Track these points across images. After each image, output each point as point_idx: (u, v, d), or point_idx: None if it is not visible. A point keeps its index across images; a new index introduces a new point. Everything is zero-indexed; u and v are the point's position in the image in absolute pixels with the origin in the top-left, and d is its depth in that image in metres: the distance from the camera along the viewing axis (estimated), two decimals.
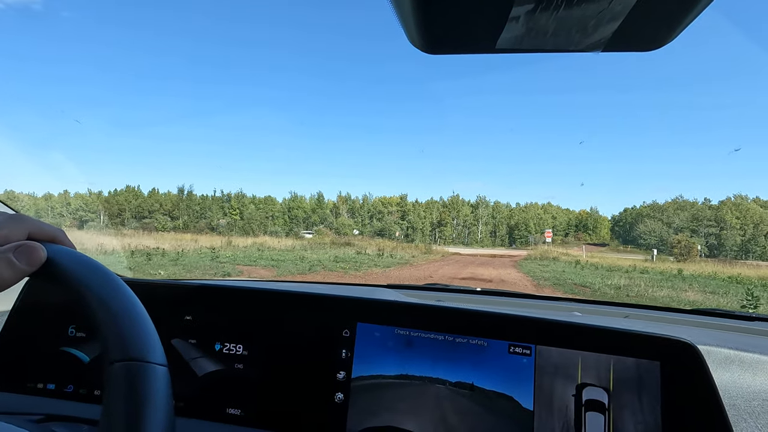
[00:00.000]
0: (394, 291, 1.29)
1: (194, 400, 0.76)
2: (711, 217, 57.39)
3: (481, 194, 72.87)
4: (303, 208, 63.51)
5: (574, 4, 0.28)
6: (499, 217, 68.31)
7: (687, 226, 57.98)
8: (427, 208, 67.08)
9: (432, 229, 65.67)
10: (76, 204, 50.73)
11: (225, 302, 0.83)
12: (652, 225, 59.30)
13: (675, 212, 59.98)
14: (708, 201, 61.35)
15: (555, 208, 72.54)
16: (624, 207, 70.48)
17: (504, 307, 0.91)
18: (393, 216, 65.26)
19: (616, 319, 1.00)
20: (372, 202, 66.61)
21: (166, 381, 0.35)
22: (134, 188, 60.92)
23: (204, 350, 0.79)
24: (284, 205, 64.27)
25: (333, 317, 0.77)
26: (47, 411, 0.74)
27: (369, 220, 64.64)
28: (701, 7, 0.29)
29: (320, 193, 65.56)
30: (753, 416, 0.58)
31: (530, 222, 66.50)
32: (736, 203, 57.75)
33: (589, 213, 73.24)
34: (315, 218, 62.08)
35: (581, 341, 0.66)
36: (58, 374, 0.81)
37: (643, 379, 0.62)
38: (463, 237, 66.05)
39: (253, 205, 62.68)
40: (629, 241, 62.42)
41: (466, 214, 66.75)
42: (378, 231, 60.10)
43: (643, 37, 0.33)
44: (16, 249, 0.36)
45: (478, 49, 0.35)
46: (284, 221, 61.96)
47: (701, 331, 0.97)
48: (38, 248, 0.37)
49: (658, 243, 57.26)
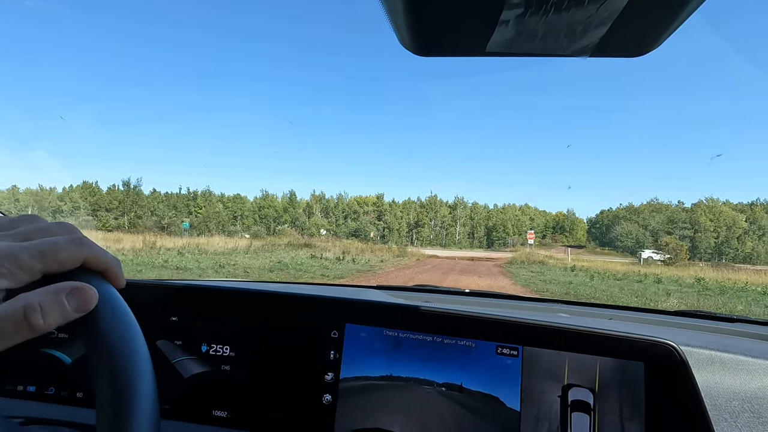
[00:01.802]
0: (382, 292, 1.30)
1: (180, 403, 0.75)
2: (686, 220, 57.73)
3: (459, 195, 71.88)
4: (274, 207, 60.55)
5: (563, 9, 0.29)
6: (477, 219, 67.13)
7: (663, 228, 58.17)
8: (405, 209, 65.22)
9: (409, 229, 63.86)
10: (25, 200, 46.31)
11: (211, 303, 0.82)
12: (628, 227, 59.28)
13: (651, 214, 60.18)
14: (681, 203, 61.95)
15: (532, 210, 72.04)
16: (600, 209, 70.75)
17: (492, 309, 0.92)
18: (369, 216, 63.02)
19: (601, 321, 0.99)
20: (347, 202, 64.25)
21: None
22: (91, 184, 56.62)
23: (190, 351, 0.78)
24: (255, 204, 61.21)
25: (321, 318, 0.76)
26: (27, 414, 0.72)
27: (344, 220, 62.23)
28: (686, 14, 0.30)
29: (292, 192, 62.77)
30: (733, 416, 0.59)
31: (508, 223, 65.61)
32: (709, 206, 58.31)
33: (566, 215, 73.18)
34: (286, 218, 59.20)
35: (567, 342, 0.67)
36: (39, 376, 0.79)
37: (627, 380, 0.63)
38: (441, 238, 64.49)
39: (221, 204, 59.43)
40: (606, 243, 62.30)
41: (444, 214, 65.26)
42: (353, 231, 57.74)
43: (629, 43, 0.33)
44: (71, 291, 0.31)
45: (469, 51, 0.35)
46: (254, 221, 58.84)
47: (684, 332, 0.98)
48: (93, 295, 0.32)
49: (634, 245, 57.20)
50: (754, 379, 0.62)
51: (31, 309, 0.29)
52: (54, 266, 0.32)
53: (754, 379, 0.62)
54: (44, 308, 0.29)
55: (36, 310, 0.29)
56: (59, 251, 0.32)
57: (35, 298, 0.30)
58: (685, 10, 0.29)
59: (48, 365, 0.78)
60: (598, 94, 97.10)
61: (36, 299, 0.30)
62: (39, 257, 0.31)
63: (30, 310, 0.29)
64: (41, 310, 0.29)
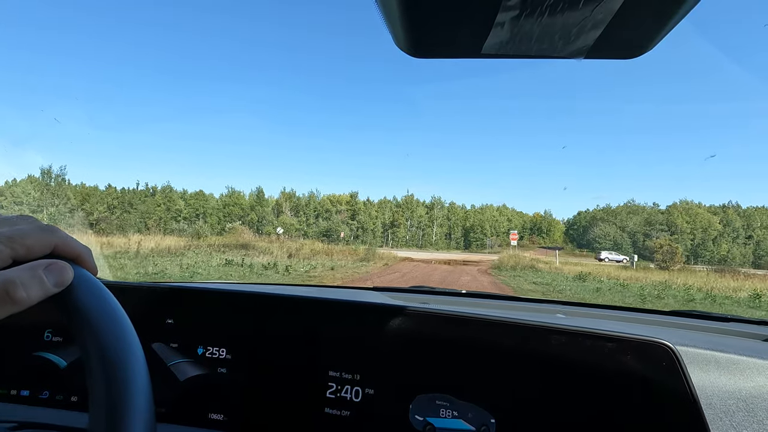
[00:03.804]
0: (380, 294, 1.31)
1: (176, 406, 0.74)
2: (663, 222, 57.36)
3: (436, 194, 69.67)
4: (240, 205, 56.66)
5: (557, 12, 0.29)
6: (454, 219, 65.06)
7: (640, 230, 57.69)
8: (380, 208, 62.45)
9: (384, 230, 61.10)
10: None
11: (208, 305, 0.82)
12: (606, 228, 58.55)
13: (628, 216, 59.65)
14: (657, 205, 61.80)
15: (510, 211, 70.65)
16: (578, 210, 70.05)
17: (488, 310, 0.92)
18: (342, 215, 59.89)
19: (598, 321, 1.00)
20: (320, 200, 60.93)
21: None
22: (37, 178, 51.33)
23: (186, 354, 0.77)
24: (221, 201, 57.14)
25: (317, 320, 0.76)
26: (21, 418, 0.71)
27: (315, 219, 58.86)
28: (680, 17, 0.30)
29: (260, 189, 58.86)
30: (728, 415, 0.60)
31: (486, 224, 63.81)
32: (685, 208, 58.18)
33: (543, 216, 72.23)
34: (253, 216, 55.40)
35: (564, 342, 0.68)
36: (33, 380, 0.79)
37: (623, 379, 0.64)
38: (417, 239, 62.04)
39: (183, 201, 55.14)
40: (583, 245, 61.43)
41: (420, 215, 62.85)
42: (324, 231, 54.50)
43: (623, 45, 0.34)
44: (48, 266, 0.33)
45: (464, 53, 0.35)
46: (218, 219, 54.78)
47: (679, 332, 0.99)
48: (68, 269, 0.34)
49: (612, 247, 56.39)
50: (749, 379, 0.63)
51: (12, 283, 0.30)
52: (22, 252, 0.32)
53: (749, 378, 0.63)
54: (24, 283, 0.30)
55: (17, 284, 0.30)
56: (26, 237, 0.33)
57: (13, 274, 0.31)
58: (678, 13, 0.30)
59: (42, 369, 0.76)
60: (578, 95, 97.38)
61: (14, 275, 0.31)
62: (7, 242, 0.32)
63: (11, 285, 0.30)
64: (22, 285, 0.30)
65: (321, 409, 0.71)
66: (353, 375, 0.72)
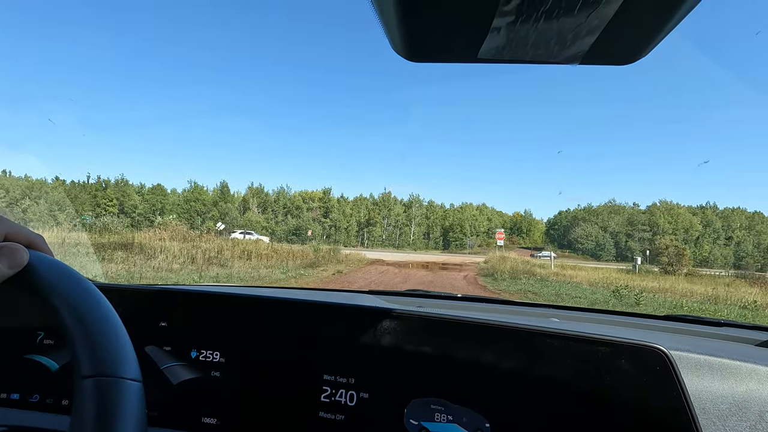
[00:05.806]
0: (374, 297, 1.30)
1: (169, 409, 0.74)
2: (645, 222, 56.19)
3: (414, 193, 66.81)
4: (203, 201, 52.27)
5: (553, 17, 0.29)
6: (433, 218, 62.33)
7: (622, 230, 56.38)
8: (355, 206, 59.05)
9: (359, 228, 57.78)
10: None
11: (201, 308, 0.81)
12: (588, 229, 57.02)
13: (609, 216, 58.29)
14: (637, 205, 60.77)
15: (490, 210, 68.53)
16: (558, 210, 68.56)
17: (483, 313, 0.93)
18: (314, 213, 56.21)
19: (592, 325, 1.00)
20: (290, 197, 57.05)
21: (139, 397, 0.35)
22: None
23: (179, 357, 0.77)
24: (183, 196, 52.59)
25: (312, 323, 0.77)
26: (10, 422, 0.71)
27: (284, 216, 54.97)
28: (674, 23, 0.30)
29: (224, 183, 54.70)
30: (721, 419, 0.60)
31: (466, 224, 61.36)
32: (666, 207, 57.23)
33: (523, 216, 70.53)
34: (215, 212, 51.10)
35: (558, 346, 0.68)
36: (23, 383, 0.77)
37: (617, 383, 0.64)
38: (394, 238, 58.95)
39: (139, 196, 50.39)
40: (565, 245, 59.77)
41: (398, 213, 59.81)
42: (293, 229, 50.78)
43: (618, 51, 0.34)
44: (0, 250, 0.33)
45: (460, 58, 0.35)
46: (178, 215, 50.28)
47: (673, 336, 0.99)
48: (21, 250, 0.34)
49: (594, 247, 54.87)
50: (741, 383, 0.63)
51: None
52: None
53: (741, 382, 0.63)
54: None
55: None
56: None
57: None
58: (673, 20, 0.30)
59: (33, 372, 0.75)
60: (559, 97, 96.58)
61: None
62: None
63: None
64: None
65: (315, 413, 0.71)
66: (348, 379, 0.72)
